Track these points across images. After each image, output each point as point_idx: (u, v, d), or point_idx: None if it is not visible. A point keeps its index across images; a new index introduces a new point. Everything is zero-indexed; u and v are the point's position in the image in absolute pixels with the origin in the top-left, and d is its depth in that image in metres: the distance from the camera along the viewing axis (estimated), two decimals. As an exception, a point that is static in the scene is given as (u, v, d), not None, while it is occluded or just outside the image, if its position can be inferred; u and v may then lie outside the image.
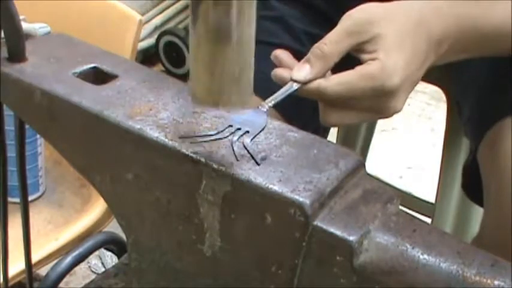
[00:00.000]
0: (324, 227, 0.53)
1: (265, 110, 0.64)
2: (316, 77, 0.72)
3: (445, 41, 0.76)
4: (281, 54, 0.76)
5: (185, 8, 2.55)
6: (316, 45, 0.73)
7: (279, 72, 0.75)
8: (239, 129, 0.59)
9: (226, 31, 0.50)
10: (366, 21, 0.73)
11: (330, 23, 1.00)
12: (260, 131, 0.59)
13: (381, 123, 1.61)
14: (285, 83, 0.73)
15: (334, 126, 0.85)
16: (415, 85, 0.76)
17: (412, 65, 0.73)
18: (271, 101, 0.69)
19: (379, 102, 0.73)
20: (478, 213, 1.22)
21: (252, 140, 0.58)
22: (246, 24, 0.50)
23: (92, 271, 1.70)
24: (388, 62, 0.72)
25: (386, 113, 0.75)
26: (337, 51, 0.72)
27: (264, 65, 0.97)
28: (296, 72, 0.72)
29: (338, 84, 0.71)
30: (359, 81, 0.71)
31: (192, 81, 0.55)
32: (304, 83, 0.72)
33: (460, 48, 0.78)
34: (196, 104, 0.55)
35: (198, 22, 0.50)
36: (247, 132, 0.59)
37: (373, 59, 0.72)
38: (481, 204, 0.97)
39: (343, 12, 0.74)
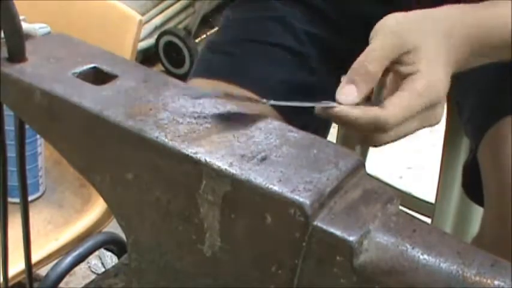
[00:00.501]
0: (324, 227, 0.53)
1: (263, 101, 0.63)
2: (362, 98, 0.69)
3: (466, 51, 0.76)
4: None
5: (185, 8, 2.55)
6: (358, 64, 0.70)
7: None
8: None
9: None
10: (404, 32, 0.71)
11: (330, 23, 1.00)
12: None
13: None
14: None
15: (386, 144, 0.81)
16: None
17: (449, 74, 0.73)
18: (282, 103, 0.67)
19: (427, 116, 0.72)
20: (478, 213, 1.22)
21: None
22: None
23: (92, 271, 1.70)
24: (433, 75, 0.71)
25: (433, 123, 0.74)
26: (381, 69, 0.70)
27: (263, 64, 0.98)
28: (343, 96, 0.69)
29: (397, 112, 0.69)
30: (414, 101, 0.69)
31: None
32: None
33: (479, 56, 0.78)
34: None
35: None
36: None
37: (413, 72, 0.71)
38: (481, 204, 0.97)
39: (343, 12, 0.74)
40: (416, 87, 0.70)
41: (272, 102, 0.63)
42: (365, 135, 0.72)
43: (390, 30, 0.72)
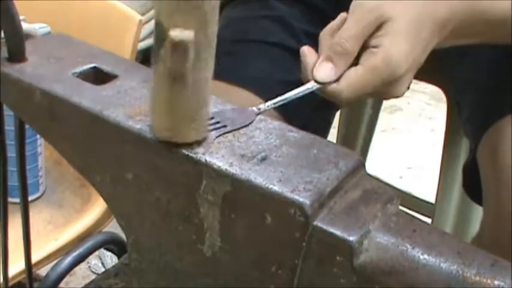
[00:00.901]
0: (324, 227, 0.53)
1: (256, 111, 0.63)
2: (340, 75, 0.71)
3: (449, 23, 0.75)
4: (307, 53, 0.74)
5: (185, 8, 2.55)
6: (335, 41, 0.71)
7: (305, 62, 0.73)
8: (217, 123, 0.59)
9: (183, 75, 0.52)
10: (377, 5, 0.71)
11: (329, 22, 1.00)
12: (236, 129, 0.59)
13: (380, 124, 1.61)
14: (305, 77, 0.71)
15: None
16: (418, 67, 0.75)
17: (417, 49, 0.72)
18: (275, 103, 0.67)
19: (384, 90, 0.73)
20: (478, 213, 1.22)
21: (218, 136, 0.58)
22: (203, 69, 0.53)
23: (92, 271, 1.70)
24: (393, 50, 0.70)
25: (389, 97, 0.75)
26: (358, 46, 0.71)
27: (262, 64, 0.98)
28: (320, 72, 0.71)
29: (350, 86, 0.70)
30: (369, 76, 0.70)
31: (150, 114, 0.57)
32: (325, 83, 0.70)
33: (463, 32, 0.77)
34: (154, 135, 0.57)
35: (158, 63, 0.53)
36: (224, 126, 0.59)
37: (376, 46, 0.71)
38: (481, 204, 0.97)
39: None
40: (372, 63, 0.70)
41: (262, 107, 0.64)
42: None
43: (366, 6, 0.72)
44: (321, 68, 0.71)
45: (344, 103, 0.72)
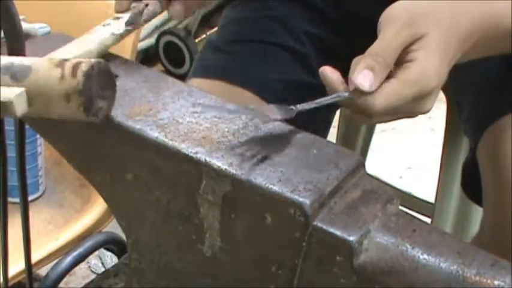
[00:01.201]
0: (324, 227, 0.53)
1: (294, 108, 0.63)
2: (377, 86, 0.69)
3: (472, 37, 0.75)
4: (328, 71, 0.72)
5: (185, 8, 2.55)
6: (377, 52, 0.69)
7: (329, 79, 0.71)
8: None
9: None
10: (412, 20, 0.71)
11: (330, 23, 1.00)
12: (279, 120, 0.60)
13: (380, 123, 1.61)
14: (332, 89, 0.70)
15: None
16: (444, 82, 0.75)
17: (445, 63, 0.72)
18: (306, 106, 0.66)
19: (415, 105, 0.72)
20: (478, 212, 1.22)
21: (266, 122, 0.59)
22: None
23: (92, 271, 1.70)
24: (428, 64, 0.70)
25: (416, 114, 0.74)
26: (395, 59, 0.70)
27: (262, 64, 0.98)
28: (359, 78, 0.68)
29: (382, 98, 0.68)
30: (403, 89, 0.69)
31: None
32: (359, 93, 0.69)
33: (484, 45, 0.77)
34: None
35: None
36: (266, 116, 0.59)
37: (411, 59, 0.70)
38: (480, 204, 0.97)
39: (343, 12, 0.74)
40: (407, 77, 0.70)
41: (299, 106, 0.63)
42: (352, 114, 0.72)
43: (402, 18, 0.71)
44: (360, 75, 0.69)
45: (376, 115, 0.71)
